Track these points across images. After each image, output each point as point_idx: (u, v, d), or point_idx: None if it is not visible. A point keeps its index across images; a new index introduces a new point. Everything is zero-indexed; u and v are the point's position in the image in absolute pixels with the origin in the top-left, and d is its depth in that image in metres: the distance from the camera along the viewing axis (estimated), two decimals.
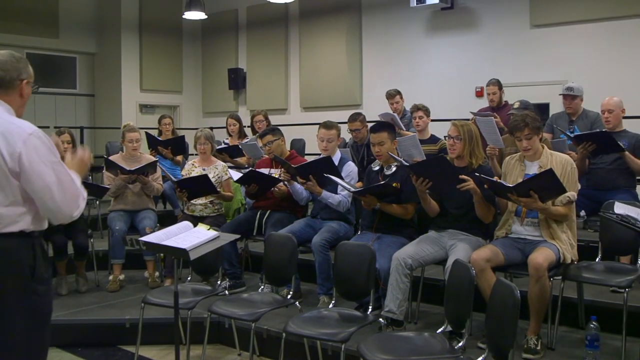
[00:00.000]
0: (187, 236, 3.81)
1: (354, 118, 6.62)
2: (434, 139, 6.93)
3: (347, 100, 11.48)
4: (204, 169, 6.21)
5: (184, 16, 11.87)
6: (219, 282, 5.18)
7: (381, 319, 4.29)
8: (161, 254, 6.14)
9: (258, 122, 8.19)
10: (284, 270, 4.71)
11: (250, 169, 6.26)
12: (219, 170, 6.28)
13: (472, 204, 4.44)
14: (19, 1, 11.87)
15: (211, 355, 4.98)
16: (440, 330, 3.75)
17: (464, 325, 3.52)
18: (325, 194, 5.24)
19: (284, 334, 3.92)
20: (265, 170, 5.85)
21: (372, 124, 5.27)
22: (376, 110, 8.11)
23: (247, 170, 6.12)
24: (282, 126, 6.61)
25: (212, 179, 5.99)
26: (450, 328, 3.75)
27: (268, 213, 5.80)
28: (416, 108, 7.01)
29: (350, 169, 5.51)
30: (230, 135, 8.41)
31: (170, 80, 13.80)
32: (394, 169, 4.95)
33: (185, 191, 5.92)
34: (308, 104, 12.31)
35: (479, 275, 4.04)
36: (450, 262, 4.11)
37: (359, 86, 11.60)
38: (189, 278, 5.54)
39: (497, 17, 9.86)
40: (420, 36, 10.77)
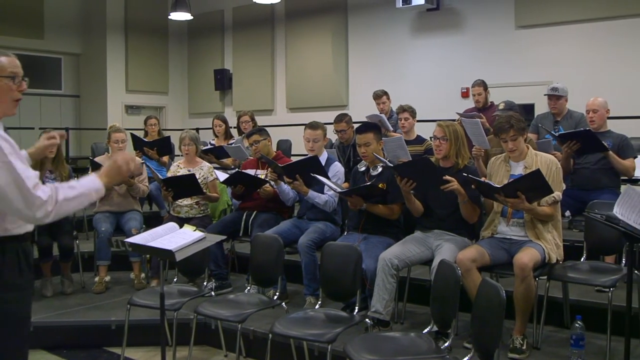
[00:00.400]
0: (173, 237, 3.80)
1: (339, 119, 6.62)
2: (420, 140, 6.93)
3: (334, 100, 11.49)
4: (189, 170, 6.18)
5: (169, 17, 11.86)
6: (205, 283, 5.17)
7: (367, 320, 4.28)
8: (147, 255, 6.11)
9: (244, 123, 8.18)
10: (271, 271, 4.71)
11: (236, 170, 6.25)
12: (204, 171, 6.26)
13: (458, 205, 4.46)
14: (4, 2, 11.77)
15: (197, 356, 4.97)
16: (426, 330, 3.76)
17: (450, 325, 3.53)
18: (312, 193, 5.24)
19: (271, 335, 3.92)
20: (251, 171, 5.84)
21: (358, 125, 5.27)
22: (362, 111, 8.11)
23: (234, 171, 6.11)
24: (269, 127, 6.62)
25: (198, 180, 5.96)
26: (436, 328, 3.76)
27: (254, 214, 5.80)
28: (402, 109, 7.02)
29: (337, 169, 5.51)
30: (216, 136, 8.39)
31: (156, 81, 13.76)
32: (380, 169, 4.96)
33: (171, 190, 5.90)
34: (294, 105, 12.31)
35: (465, 276, 4.06)
36: (436, 263, 4.12)
37: (345, 87, 11.63)
38: (175, 279, 5.52)
39: (483, 18, 9.91)
40: (406, 37, 10.81)
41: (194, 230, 3.90)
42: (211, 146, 8.03)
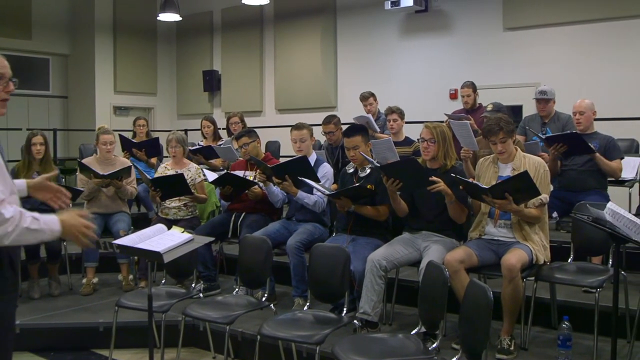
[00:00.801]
0: (161, 239, 3.79)
1: (328, 121, 6.63)
2: (408, 141, 6.95)
3: (322, 102, 11.50)
4: (177, 172, 6.16)
5: (158, 18, 11.81)
6: (194, 285, 5.15)
7: (356, 321, 4.29)
8: (135, 257, 6.09)
9: (234, 124, 8.17)
10: (259, 272, 4.70)
11: (225, 171, 6.24)
12: (192, 172, 6.25)
13: (445, 206, 4.47)
14: None
15: (186, 358, 4.96)
16: (414, 331, 3.77)
17: (438, 326, 3.54)
18: (301, 194, 5.24)
19: (259, 337, 3.92)
20: (240, 173, 5.83)
21: (345, 128, 5.27)
22: (351, 112, 8.13)
23: (223, 172, 6.11)
24: (257, 128, 6.60)
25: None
26: (424, 329, 3.78)
27: (243, 215, 5.79)
28: (390, 111, 7.04)
29: (325, 170, 5.51)
30: (205, 138, 8.37)
31: (144, 82, 13.69)
32: (368, 171, 4.96)
33: (159, 190, 5.88)
34: (283, 106, 12.30)
35: (453, 277, 4.07)
36: (424, 264, 4.13)
37: (334, 88, 11.62)
38: (163, 281, 5.51)
39: (471, 20, 9.94)
40: (395, 39, 10.82)
41: (182, 231, 3.90)
42: (200, 146, 8.01)
